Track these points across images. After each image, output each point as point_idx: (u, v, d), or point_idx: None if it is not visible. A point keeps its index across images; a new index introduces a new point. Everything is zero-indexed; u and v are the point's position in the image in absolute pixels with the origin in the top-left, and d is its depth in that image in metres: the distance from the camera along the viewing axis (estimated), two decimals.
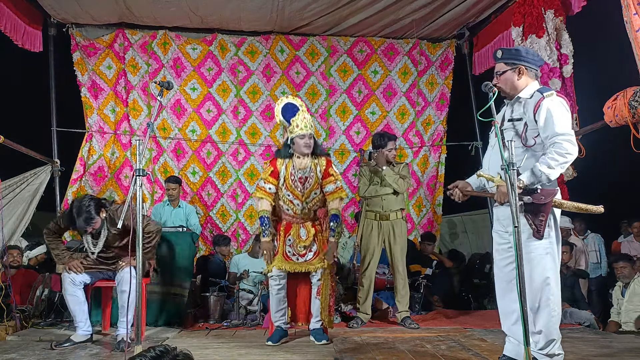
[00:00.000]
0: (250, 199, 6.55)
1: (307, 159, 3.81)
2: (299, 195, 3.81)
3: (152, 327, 4.51)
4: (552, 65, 4.86)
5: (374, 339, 3.94)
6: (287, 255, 3.84)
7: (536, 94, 2.77)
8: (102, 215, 3.77)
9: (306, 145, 3.76)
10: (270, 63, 6.66)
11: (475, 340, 3.84)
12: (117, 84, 6.47)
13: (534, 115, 2.72)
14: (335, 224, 3.79)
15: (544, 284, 2.68)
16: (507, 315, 2.89)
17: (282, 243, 3.85)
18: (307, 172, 3.80)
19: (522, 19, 5.21)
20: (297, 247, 3.83)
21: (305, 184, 3.81)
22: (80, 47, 6.35)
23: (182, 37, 6.52)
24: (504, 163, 2.47)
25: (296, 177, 3.80)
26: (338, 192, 3.83)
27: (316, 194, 3.84)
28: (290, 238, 3.85)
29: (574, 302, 5.04)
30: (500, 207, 2.86)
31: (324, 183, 3.84)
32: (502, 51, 2.87)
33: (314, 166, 3.83)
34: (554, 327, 2.69)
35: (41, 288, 4.79)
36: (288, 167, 3.82)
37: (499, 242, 2.92)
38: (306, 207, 3.83)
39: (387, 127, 6.75)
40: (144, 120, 6.44)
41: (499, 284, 2.92)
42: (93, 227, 3.76)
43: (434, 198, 6.87)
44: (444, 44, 6.87)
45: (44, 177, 5.88)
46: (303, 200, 3.82)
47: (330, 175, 3.84)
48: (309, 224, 3.87)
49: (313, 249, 3.84)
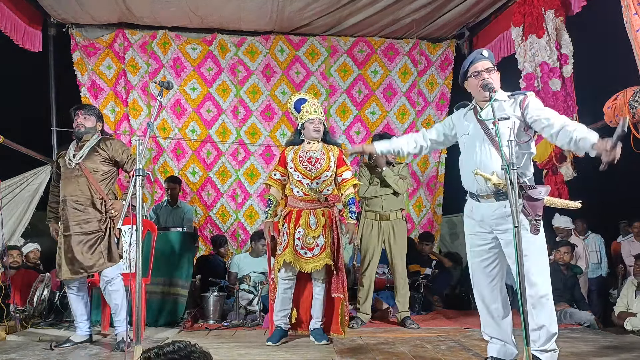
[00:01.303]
0: (250, 198, 6.55)
1: (317, 144, 3.90)
2: (308, 174, 3.82)
3: (152, 327, 4.51)
4: (552, 65, 4.86)
5: (374, 339, 3.95)
6: (296, 249, 3.77)
7: (515, 96, 2.85)
8: (98, 123, 3.85)
9: (316, 129, 3.85)
10: (270, 63, 6.66)
11: (475, 340, 3.84)
12: (117, 84, 6.48)
13: (522, 112, 2.76)
14: (354, 206, 3.88)
15: (544, 279, 2.70)
16: (491, 315, 2.91)
17: (292, 236, 3.78)
18: (317, 154, 3.86)
19: (522, 19, 5.21)
20: (306, 240, 3.76)
21: (315, 164, 3.83)
22: (80, 47, 6.35)
23: (182, 37, 6.53)
24: (504, 163, 2.47)
25: (305, 158, 3.86)
26: (353, 179, 3.92)
27: (327, 177, 3.85)
28: (301, 230, 3.77)
29: (573, 302, 5.04)
30: (481, 207, 2.85)
31: (340, 171, 3.90)
32: (488, 52, 2.91)
33: (326, 151, 3.89)
34: (555, 321, 2.72)
35: (41, 288, 4.79)
36: (297, 152, 3.90)
37: (477, 243, 2.92)
38: (317, 188, 3.81)
39: (387, 127, 6.75)
40: (144, 120, 6.44)
41: (481, 285, 2.93)
42: (85, 117, 3.81)
43: (434, 198, 6.88)
44: (444, 44, 6.88)
45: (44, 177, 5.88)
46: (312, 179, 3.82)
47: (344, 163, 3.94)
48: (319, 212, 3.81)
49: (320, 243, 3.76)
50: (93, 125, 3.85)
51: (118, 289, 3.71)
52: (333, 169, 3.88)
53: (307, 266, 3.76)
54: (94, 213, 3.70)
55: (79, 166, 3.73)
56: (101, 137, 3.88)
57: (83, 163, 3.73)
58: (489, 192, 2.80)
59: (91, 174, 3.73)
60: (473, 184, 2.86)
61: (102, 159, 3.77)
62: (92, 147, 3.78)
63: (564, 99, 4.82)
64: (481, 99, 2.88)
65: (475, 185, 2.85)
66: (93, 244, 3.66)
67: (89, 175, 3.72)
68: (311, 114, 3.88)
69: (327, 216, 3.83)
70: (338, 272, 3.84)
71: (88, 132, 3.84)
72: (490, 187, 2.76)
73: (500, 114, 2.74)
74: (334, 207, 3.90)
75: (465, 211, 2.99)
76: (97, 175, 3.74)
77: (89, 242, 3.66)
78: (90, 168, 3.73)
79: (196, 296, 5.18)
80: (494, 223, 2.81)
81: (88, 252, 3.64)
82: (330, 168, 3.86)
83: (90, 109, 3.93)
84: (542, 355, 2.69)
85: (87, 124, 3.83)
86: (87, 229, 3.67)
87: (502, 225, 2.77)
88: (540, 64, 4.92)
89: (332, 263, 3.77)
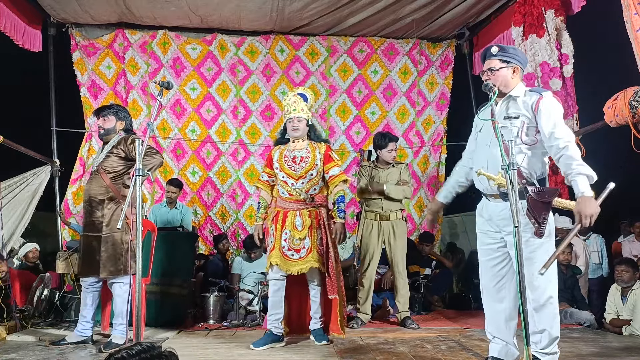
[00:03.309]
0: (250, 198, 6.56)
1: (302, 142, 3.82)
2: (293, 174, 3.76)
3: (152, 327, 4.51)
4: (553, 65, 4.86)
5: (374, 339, 3.95)
6: (283, 251, 3.71)
7: (531, 94, 2.78)
8: (119, 122, 3.84)
9: (294, 128, 3.77)
10: (270, 63, 6.66)
11: (476, 340, 3.84)
12: (116, 83, 6.48)
13: (534, 114, 2.72)
14: (344, 204, 3.78)
15: (547, 282, 2.68)
16: (495, 315, 2.90)
17: (279, 237, 3.73)
18: (302, 153, 3.79)
19: (522, 18, 5.21)
20: (292, 242, 3.69)
21: (300, 164, 3.76)
22: (79, 47, 6.35)
23: (181, 37, 6.53)
24: (504, 163, 2.46)
25: (290, 157, 3.79)
26: (342, 176, 3.81)
27: (313, 175, 3.77)
28: (287, 231, 3.71)
29: (574, 302, 5.04)
30: (490, 205, 2.85)
31: (327, 168, 3.81)
32: (498, 48, 2.86)
33: (312, 149, 3.81)
34: (558, 325, 2.71)
35: (41, 288, 4.80)
36: (282, 151, 3.85)
37: (486, 242, 2.90)
38: (302, 188, 3.74)
39: (387, 127, 6.75)
40: (144, 120, 6.44)
41: (488, 284, 2.92)
42: (104, 119, 3.81)
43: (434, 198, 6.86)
44: (444, 43, 6.88)
45: (44, 177, 5.89)
46: (297, 179, 3.75)
47: (332, 159, 3.83)
48: (305, 212, 3.73)
49: (306, 245, 3.69)
50: (113, 126, 3.85)
51: (120, 294, 3.73)
52: (319, 167, 3.79)
53: (294, 268, 3.69)
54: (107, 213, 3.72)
55: (98, 167, 3.78)
56: (122, 136, 3.84)
57: (101, 164, 3.77)
58: (495, 191, 2.79)
59: (107, 174, 3.75)
60: (480, 182, 2.87)
61: (119, 158, 3.76)
62: (111, 148, 3.79)
63: (565, 99, 4.82)
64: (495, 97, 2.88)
65: (482, 184, 2.85)
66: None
67: (104, 176, 3.74)
68: (290, 113, 3.79)
69: (313, 217, 3.75)
70: (330, 274, 3.78)
71: (108, 133, 3.85)
72: (494, 186, 2.75)
73: (510, 112, 2.73)
74: (322, 208, 3.82)
75: (477, 208, 2.99)
76: (112, 176, 3.76)
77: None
78: (107, 169, 3.76)
79: (196, 296, 5.18)
80: (501, 223, 2.80)
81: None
82: (316, 166, 3.78)
83: (107, 110, 3.89)
84: (543, 358, 2.68)
85: (106, 125, 3.84)
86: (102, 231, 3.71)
87: (508, 227, 2.74)
88: (541, 64, 4.92)
89: (318, 266, 3.68)
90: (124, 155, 3.76)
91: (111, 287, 3.76)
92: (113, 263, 3.66)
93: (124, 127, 3.88)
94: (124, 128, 3.88)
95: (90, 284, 3.80)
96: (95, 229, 3.72)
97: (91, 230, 3.74)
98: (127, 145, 3.75)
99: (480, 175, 2.78)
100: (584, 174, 2.51)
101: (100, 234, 3.69)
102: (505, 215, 2.74)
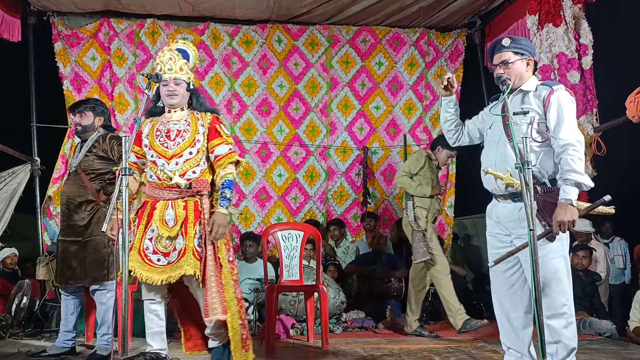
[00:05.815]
0: (245, 199, 6.54)
1: (181, 113, 3.17)
2: (165, 153, 3.07)
3: (139, 337, 4.50)
4: (571, 56, 4.86)
5: (378, 350, 3.95)
6: (146, 253, 3.00)
7: (542, 87, 2.80)
8: (98, 118, 3.83)
9: (169, 93, 3.10)
10: (267, 54, 6.66)
11: (487, 352, 3.84)
12: (101, 76, 6.47)
13: (544, 109, 2.73)
14: (230, 191, 3.05)
15: (560, 289, 2.68)
16: (506, 324, 2.90)
17: (142, 235, 3.03)
18: (179, 125, 3.12)
19: (538, 6, 5.21)
20: (160, 242, 3.00)
21: (176, 139, 3.08)
22: (62, 37, 6.35)
23: (171, 26, 6.52)
24: (518, 161, 2.46)
25: (163, 131, 3.12)
26: (232, 156, 3.11)
27: (192, 155, 3.07)
28: (154, 227, 3.01)
29: (593, 311, 5.03)
30: (499, 207, 2.86)
31: (211, 145, 3.11)
32: (510, 39, 2.87)
33: (193, 120, 3.14)
34: (575, 335, 2.70)
35: (20, 296, 4.79)
36: (155, 124, 3.17)
37: (497, 246, 2.91)
38: (176, 170, 3.03)
39: (393, 122, 6.76)
40: (131, 116, 6.44)
41: (499, 290, 2.93)
42: (80, 115, 3.80)
43: (444, 199, 6.86)
44: (453, 33, 6.88)
45: (23, 176, 5.87)
46: (170, 159, 3.05)
47: (218, 134, 3.12)
48: (180, 203, 3.02)
49: (178, 246, 2.98)
50: (90, 122, 3.84)
51: (104, 302, 3.73)
52: (202, 143, 3.10)
53: (156, 277, 2.96)
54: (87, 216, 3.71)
55: (77, 167, 3.77)
56: (101, 133, 3.84)
57: (80, 164, 3.76)
58: (504, 192, 2.80)
59: (86, 175, 3.74)
60: (488, 182, 2.87)
61: (98, 158, 3.76)
62: (89, 147, 3.78)
63: (583, 93, 4.81)
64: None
65: (490, 183, 2.85)
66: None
67: (84, 177, 3.74)
68: (164, 73, 3.09)
69: (191, 209, 3.03)
70: (205, 284, 2.97)
71: (86, 131, 3.85)
72: (502, 186, 2.76)
73: (522, 107, 2.74)
74: (204, 197, 3.09)
75: (487, 210, 3.00)
76: (92, 177, 3.75)
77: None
78: (86, 169, 3.75)
79: None
80: (509, 226, 2.81)
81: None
82: (198, 142, 3.09)
83: (84, 105, 3.89)
84: None
85: (83, 121, 3.83)
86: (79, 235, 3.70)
87: (517, 230, 2.76)
88: (558, 55, 4.92)
89: (193, 273, 2.92)
90: (102, 155, 3.76)
91: (94, 295, 3.75)
92: (96, 269, 3.66)
93: (102, 123, 3.88)
94: (102, 124, 3.88)
95: (71, 291, 3.80)
96: (73, 233, 3.71)
97: (69, 235, 3.73)
98: (105, 143, 3.75)
99: (487, 174, 2.78)
100: (573, 181, 2.57)
101: (80, 238, 3.69)
102: (514, 217, 2.75)
